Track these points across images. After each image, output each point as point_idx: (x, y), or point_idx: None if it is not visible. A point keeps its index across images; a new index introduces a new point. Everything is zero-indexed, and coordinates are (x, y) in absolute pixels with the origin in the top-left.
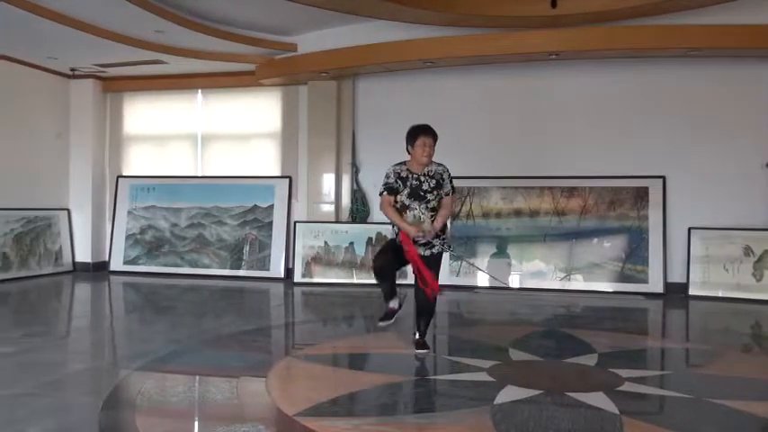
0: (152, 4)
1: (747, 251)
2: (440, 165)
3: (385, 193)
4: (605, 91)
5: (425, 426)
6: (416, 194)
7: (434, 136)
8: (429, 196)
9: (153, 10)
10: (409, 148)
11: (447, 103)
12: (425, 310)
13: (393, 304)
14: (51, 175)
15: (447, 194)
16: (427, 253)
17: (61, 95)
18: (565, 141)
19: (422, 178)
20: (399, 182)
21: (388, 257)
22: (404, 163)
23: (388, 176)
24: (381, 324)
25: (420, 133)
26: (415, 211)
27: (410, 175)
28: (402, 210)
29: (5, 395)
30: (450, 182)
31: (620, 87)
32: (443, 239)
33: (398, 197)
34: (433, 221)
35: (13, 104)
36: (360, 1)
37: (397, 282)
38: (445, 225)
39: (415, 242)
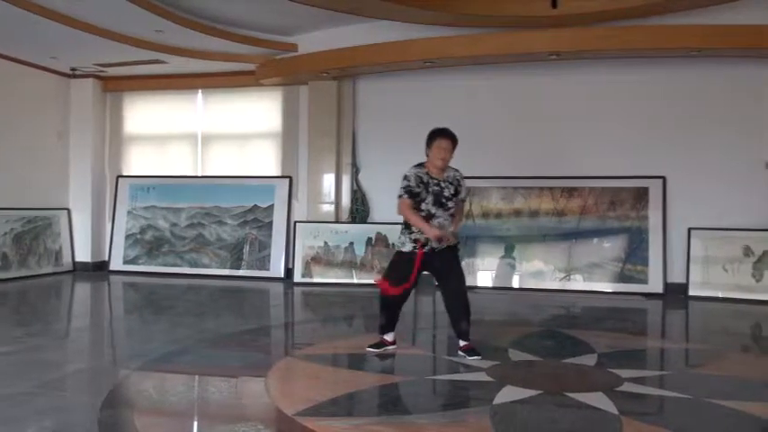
0: (152, 3)
1: (747, 251)
2: (456, 170)
3: (405, 196)
4: (605, 91)
5: (425, 426)
6: (439, 202)
7: (453, 140)
8: (449, 204)
9: (153, 9)
10: (427, 150)
11: (447, 103)
12: (458, 308)
13: (389, 338)
14: (51, 175)
15: (462, 200)
16: (441, 246)
17: (61, 95)
18: (565, 141)
19: (442, 184)
20: (421, 186)
21: (407, 289)
22: (422, 165)
23: (408, 179)
24: (370, 350)
25: (438, 136)
26: (440, 219)
27: (431, 181)
28: (427, 219)
29: (5, 394)
30: (466, 188)
31: (620, 87)
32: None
33: (423, 205)
34: (453, 232)
35: (13, 104)
36: (360, 1)
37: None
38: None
39: (427, 246)
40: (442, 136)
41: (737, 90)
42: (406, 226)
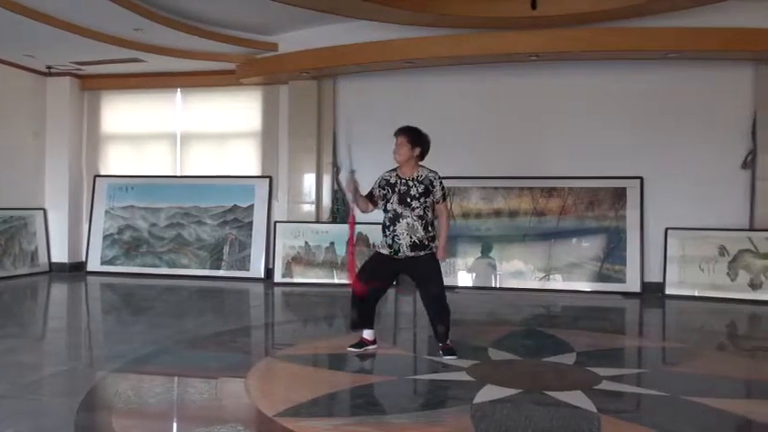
0: (131, 1)
1: (722, 251)
2: (432, 171)
3: (366, 192)
4: (584, 92)
5: (405, 425)
6: (404, 201)
7: (407, 135)
8: (414, 203)
9: (132, 7)
10: None
11: (427, 104)
12: (435, 312)
13: (369, 336)
14: (27, 175)
15: (437, 202)
16: (416, 254)
17: (38, 94)
18: (544, 142)
19: (410, 183)
20: (388, 188)
21: (377, 286)
22: (395, 169)
23: (378, 180)
24: (351, 350)
25: (395, 134)
26: (408, 219)
27: (399, 181)
28: (395, 218)
29: None
30: (442, 189)
31: (599, 89)
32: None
33: (389, 205)
34: (428, 234)
35: None
36: (340, 1)
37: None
38: (433, 236)
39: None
40: (397, 133)
41: (714, 92)
42: (383, 229)
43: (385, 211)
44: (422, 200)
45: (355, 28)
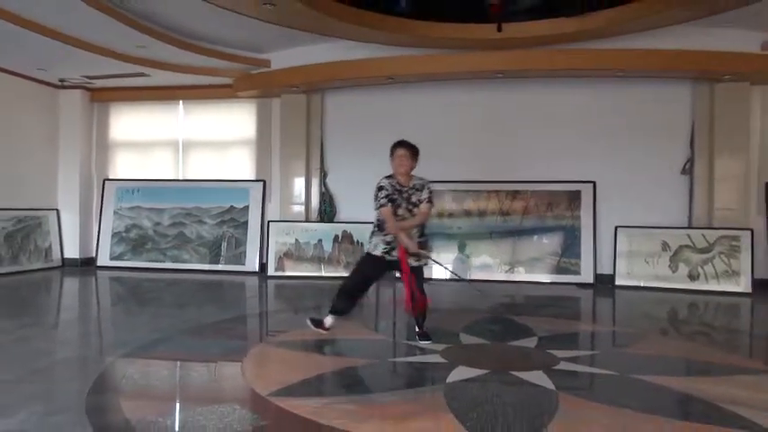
0: (136, 21)
1: (665, 246)
2: (422, 179)
3: (389, 204)
4: (544, 106)
5: (386, 403)
6: (409, 207)
7: (411, 149)
8: (415, 210)
9: (136, 26)
10: (391, 161)
11: (406, 116)
12: (422, 311)
13: (329, 323)
14: (41, 178)
15: (421, 201)
16: (417, 264)
17: (51, 104)
18: (509, 150)
19: (410, 191)
20: (397, 194)
21: (365, 282)
22: (392, 176)
23: (384, 188)
24: (309, 324)
25: (397, 146)
26: (404, 223)
27: (402, 189)
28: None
29: None
30: (430, 193)
31: (558, 103)
32: (428, 249)
33: (399, 210)
34: (420, 238)
35: (5, 113)
36: (327, 22)
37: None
38: (428, 238)
39: (407, 254)
40: (399, 146)
41: (657, 106)
42: (379, 228)
43: (395, 215)
44: (420, 206)
45: (341, 47)
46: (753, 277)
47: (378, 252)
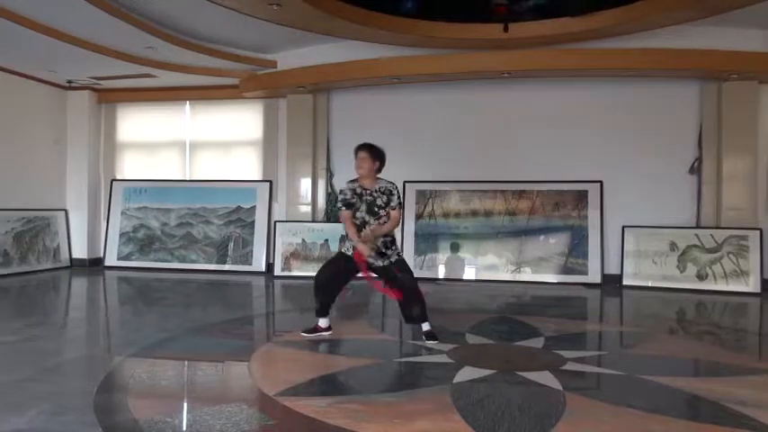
0: (143, 22)
1: (673, 246)
2: (390, 182)
3: (344, 208)
4: (550, 105)
5: (392, 403)
6: (372, 210)
7: (370, 150)
8: (381, 212)
9: (144, 28)
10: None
11: (412, 116)
12: (408, 299)
13: (323, 323)
14: (49, 179)
15: (393, 208)
16: (386, 263)
17: (59, 105)
18: (515, 150)
19: (374, 194)
20: (356, 198)
21: (333, 273)
22: (356, 180)
23: (344, 193)
24: (303, 334)
25: (358, 149)
26: (373, 226)
27: (364, 191)
28: (362, 225)
29: (6, 381)
30: (398, 197)
31: (564, 103)
32: (394, 248)
33: (358, 213)
34: (386, 240)
35: (14, 113)
36: (333, 23)
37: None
38: (394, 237)
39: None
40: (360, 149)
41: (665, 105)
42: (347, 235)
43: (354, 218)
44: (385, 209)
45: (347, 48)
46: (762, 277)
47: (350, 253)
